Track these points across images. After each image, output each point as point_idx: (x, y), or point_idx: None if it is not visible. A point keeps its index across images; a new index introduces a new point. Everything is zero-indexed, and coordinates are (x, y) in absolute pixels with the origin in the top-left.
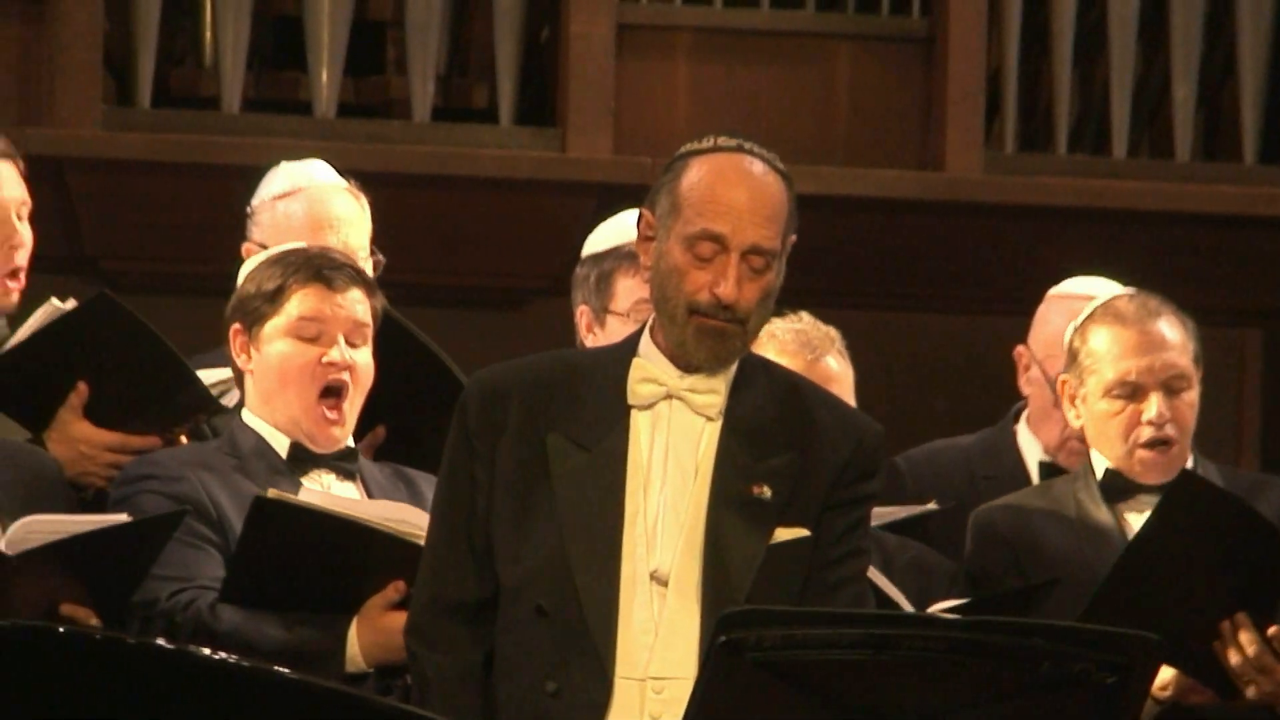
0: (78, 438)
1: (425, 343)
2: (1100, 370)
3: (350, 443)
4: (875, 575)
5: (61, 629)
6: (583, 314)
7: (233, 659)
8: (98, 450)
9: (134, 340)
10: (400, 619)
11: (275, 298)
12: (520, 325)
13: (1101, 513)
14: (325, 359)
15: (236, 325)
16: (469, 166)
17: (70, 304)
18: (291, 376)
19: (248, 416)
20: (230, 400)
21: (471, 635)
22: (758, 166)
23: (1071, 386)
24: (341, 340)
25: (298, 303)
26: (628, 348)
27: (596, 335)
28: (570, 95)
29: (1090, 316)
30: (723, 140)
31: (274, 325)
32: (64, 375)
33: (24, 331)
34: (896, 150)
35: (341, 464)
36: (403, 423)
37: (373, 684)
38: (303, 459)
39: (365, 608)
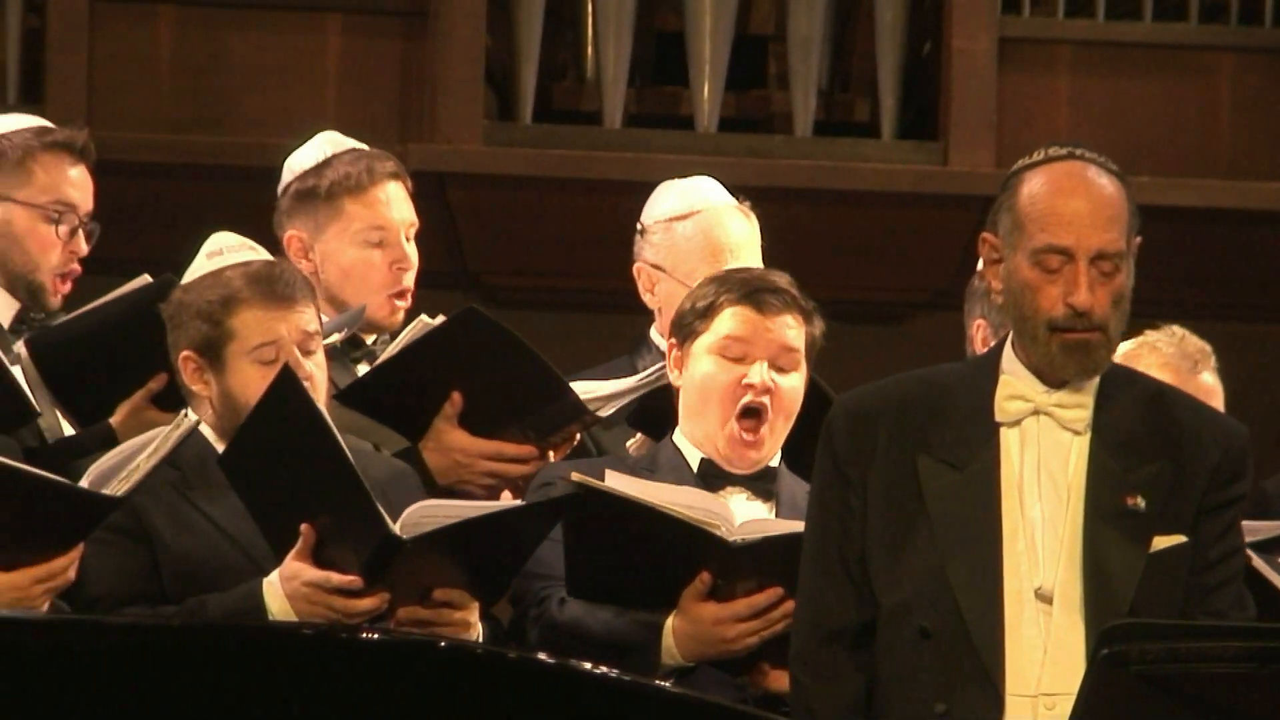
0: (453, 447)
1: None
2: None
3: (774, 463)
4: (1267, 570)
5: (442, 643)
6: (979, 327)
7: (613, 672)
8: (473, 459)
9: (503, 352)
10: (710, 610)
11: (706, 315)
12: (902, 339)
13: None
14: (745, 380)
15: (672, 341)
16: (850, 180)
17: (440, 319)
18: (712, 394)
19: (677, 433)
20: (605, 412)
21: (854, 661)
22: (1091, 171)
23: None
24: (765, 363)
25: (726, 321)
26: (990, 363)
27: None
28: (952, 109)
29: None
30: (1053, 150)
31: (702, 342)
32: (438, 386)
33: (395, 346)
34: None
35: (758, 483)
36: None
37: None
38: (714, 475)
39: (680, 600)
